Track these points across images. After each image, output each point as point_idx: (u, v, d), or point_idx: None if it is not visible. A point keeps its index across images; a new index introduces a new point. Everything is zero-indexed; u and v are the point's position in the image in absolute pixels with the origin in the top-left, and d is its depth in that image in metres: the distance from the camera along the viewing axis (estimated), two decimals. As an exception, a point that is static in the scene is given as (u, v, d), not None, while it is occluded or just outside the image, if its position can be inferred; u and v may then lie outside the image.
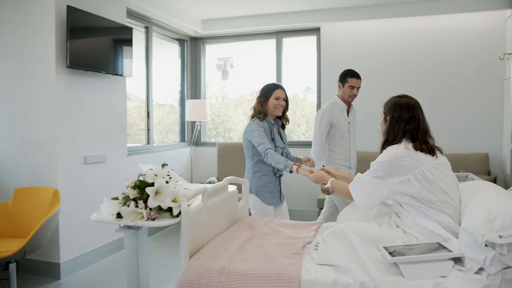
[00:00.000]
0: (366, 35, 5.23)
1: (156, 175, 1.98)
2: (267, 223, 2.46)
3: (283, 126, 3.06)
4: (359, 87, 3.46)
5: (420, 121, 2.02)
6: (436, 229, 1.82)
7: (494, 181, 4.19)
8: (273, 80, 5.67)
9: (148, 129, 4.87)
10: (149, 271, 2.79)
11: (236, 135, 6.06)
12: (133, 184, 1.97)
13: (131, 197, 1.91)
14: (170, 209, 1.93)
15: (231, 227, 2.39)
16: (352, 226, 1.89)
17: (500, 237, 1.52)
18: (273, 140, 2.89)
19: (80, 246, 3.62)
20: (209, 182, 5.27)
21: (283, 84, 5.59)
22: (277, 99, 2.88)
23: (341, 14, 5.12)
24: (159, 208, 1.92)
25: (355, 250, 1.76)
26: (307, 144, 5.38)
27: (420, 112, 2.04)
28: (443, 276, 1.63)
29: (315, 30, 5.47)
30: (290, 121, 3.09)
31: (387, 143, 2.06)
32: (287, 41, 5.68)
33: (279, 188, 2.99)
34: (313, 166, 2.85)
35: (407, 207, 1.91)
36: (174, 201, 1.94)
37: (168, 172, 2.05)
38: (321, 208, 4.71)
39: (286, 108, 2.98)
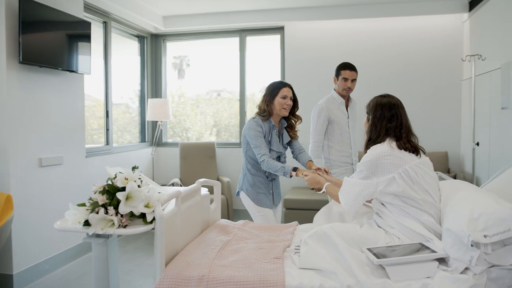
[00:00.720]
0: (330, 35, 5.27)
1: (126, 179, 1.85)
2: (242, 226, 2.38)
3: (291, 126, 2.88)
4: (355, 79, 3.33)
5: (402, 119, 2.02)
6: (418, 229, 1.81)
7: (454, 179, 4.32)
8: (235, 79, 5.60)
9: (107, 129, 4.64)
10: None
11: (193, 135, 5.92)
12: (101, 189, 1.83)
13: (100, 203, 1.77)
14: (142, 215, 1.81)
15: (205, 232, 2.29)
16: (334, 227, 1.85)
17: (485, 236, 1.53)
18: (269, 143, 2.73)
19: (35, 255, 3.37)
20: (172, 184, 5.11)
21: (245, 83, 5.55)
22: (284, 98, 2.70)
23: (305, 13, 5.12)
24: (131, 215, 1.79)
25: (340, 252, 1.72)
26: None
27: (402, 111, 2.05)
28: (428, 277, 1.63)
29: (279, 29, 5.45)
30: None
31: (370, 142, 2.05)
32: (251, 40, 5.62)
33: (271, 190, 2.85)
34: (327, 173, 2.59)
35: (390, 206, 1.90)
36: (147, 206, 1.81)
37: (139, 175, 1.92)
38: (288, 208, 4.70)
39: (296, 107, 2.83)
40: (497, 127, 3.68)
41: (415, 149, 1.95)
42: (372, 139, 2.06)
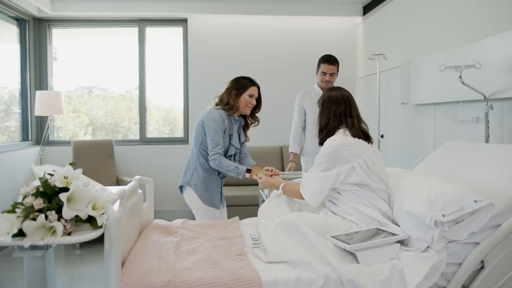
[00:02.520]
0: (235, 30, 5.26)
1: (66, 177, 1.55)
2: (183, 225, 2.20)
3: (246, 126, 2.76)
4: (333, 74, 3.31)
5: (351, 105, 2.08)
6: (375, 215, 1.88)
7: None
8: (131, 73, 5.24)
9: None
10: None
11: (66, 135, 5.36)
12: (34, 191, 1.50)
13: (36, 207, 1.45)
14: (89, 219, 1.54)
15: (144, 234, 2.06)
16: (299, 216, 1.82)
17: (443, 215, 1.65)
18: (230, 137, 2.60)
19: None
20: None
21: (145, 78, 5.24)
22: (250, 96, 2.59)
23: (209, 6, 5.02)
24: (76, 219, 1.51)
25: (310, 242, 1.69)
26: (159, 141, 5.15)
27: (351, 99, 2.11)
28: (392, 258, 1.69)
29: (182, 21, 5.25)
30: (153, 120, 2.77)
31: (322, 131, 2.07)
32: (151, 31, 5.30)
33: (220, 189, 2.72)
34: (276, 176, 2.52)
35: (347, 194, 1.94)
36: (94, 208, 1.54)
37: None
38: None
39: (258, 108, 2.70)
40: (398, 120, 4.09)
41: (366, 136, 2.03)
42: (323, 126, 2.10)
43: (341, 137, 1.97)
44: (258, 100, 2.67)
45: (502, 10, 2.70)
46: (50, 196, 1.51)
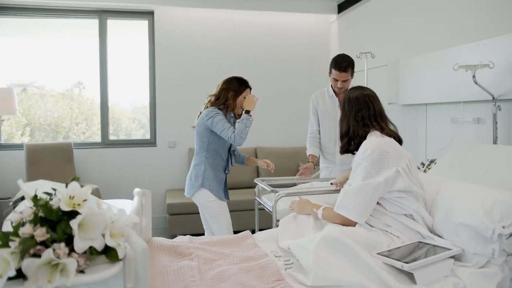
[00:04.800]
0: (204, 25, 4.96)
1: (72, 198, 1.22)
2: (190, 244, 1.90)
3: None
4: (346, 80, 2.93)
5: (374, 107, 1.89)
6: (416, 226, 1.70)
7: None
8: (72, 69, 4.77)
9: None
10: None
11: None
12: (32, 217, 1.16)
13: (39, 239, 1.11)
14: (105, 250, 1.21)
15: (150, 257, 1.74)
16: (343, 231, 1.60)
17: (503, 227, 1.50)
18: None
19: None
20: (22, 198, 4.01)
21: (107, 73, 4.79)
22: (245, 97, 2.72)
23: (177, -1, 4.67)
24: (91, 252, 1.18)
25: (362, 261, 1.47)
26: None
27: (373, 98, 1.91)
28: (446, 276, 1.52)
29: (148, 14, 4.85)
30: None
31: (344, 138, 1.87)
32: (113, 24, 4.84)
33: (225, 185, 2.83)
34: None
35: (387, 203, 1.73)
36: (111, 235, 1.22)
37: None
38: (173, 214, 4.21)
39: None
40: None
41: (398, 137, 1.86)
42: (344, 132, 1.91)
43: (380, 139, 1.77)
44: None
45: (491, 15, 2.65)
46: (54, 223, 1.17)
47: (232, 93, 2.70)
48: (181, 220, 4.21)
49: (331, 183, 2.33)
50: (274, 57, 5.12)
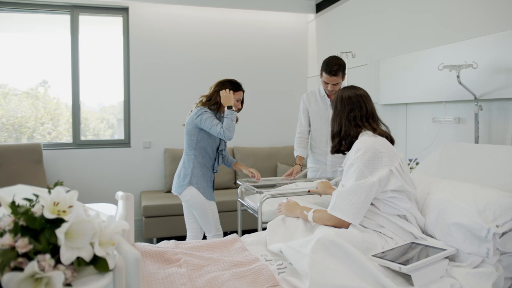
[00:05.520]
0: (182, 22, 4.83)
1: (56, 204, 1.12)
2: (176, 248, 1.82)
3: None
4: (337, 84, 2.88)
5: (366, 107, 1.87)
6: (409, 227, 1.69)
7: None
8: (37, 67, 4.57)
9: None
10: None
11: None
12: (11, 226, 1.05)
13: (21, 251, 1.01)
14: (94, 260, 1.12)
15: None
16: (338, 233, 1.55)
17: (497, 226, 1.50)
18: None
19: None
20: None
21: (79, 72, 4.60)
22: (237, 100, 2.78)
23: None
24: (78, 263, 1.09)
25: (360, 263, 1.43)
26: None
27: (366, 100, 1.89)
28: (441, 276, 1.51)
29: (123, 10, 4.69)
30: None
31: (336, 138, 1.84)
32: (86, 20, 4.65)
33: (213, 184, 2.86)
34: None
35: (381, 203, 1.71)
36: (100, 244, 1.13)
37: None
38: (148, 217, 4.08)
39: (240, 109, 2.87)
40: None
41: (389, 137, 1.84)
42: (335, 132, 1.88)
43: (372, 138, 1.75)
44: (241, 103, 2.86)
45: (474, 15, 2.69)
46: (37, 232, 1.08)
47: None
48: (157, 222, 4.09)
49: (309, 191, 2.28)
50: (252, 56, 5.07)
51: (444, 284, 1.45)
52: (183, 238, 2.92)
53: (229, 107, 2.66)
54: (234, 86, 2.79)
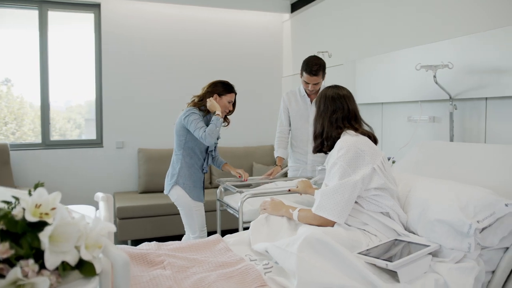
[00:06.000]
0: (156, 20, 4.75)
1: (38, 206, 1.06)
2: (159, 250, 1.78)
3: None
4: (317, 83, 2.90)
5: (349, 108, 1.88)
6: (392, 224, 1.71)
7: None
8: (22, 62, 4.40)
9: None
10: None
11: None
12: (-10, 230, 0.99)
13: (2, 256, 0.95)
14: (79, 265, 1.07)
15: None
16: (325, 231, 1.56)
17: (478, 222, 1.54)
18: None
19: None
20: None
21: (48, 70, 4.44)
22: (229, 102, 2.79)
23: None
24: (63, 267, 1.03)
25: (347, 261, 1.43)
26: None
27: (349, 101, 1.90)
28: (425, 272, 1.54)
29: (94, 6, 4.55)
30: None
31: (318, 138, 1.85)
32: (55, 16, 4.49)
33: (202, 184, 2.85)
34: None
35: (364, 201, 1.72)
36: (86, 247, 1.08)
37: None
38: (123, 218, 3.98)
39: (231, 112, 2.89)
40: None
41: (372, 136, 1.86)
42: (318, 133, 1.89)
43: (354, 137, 1.76)
44: (233, 104, 2.86)
45: (450, 16, 2.77)
46: (18, 236, 1.02)
47: (215, 96, 2.75)
48: (131, 224, 4.00)
49: (289, 190, 2.29)
50: (227, 55, 5.03)
51: (428, 280, 1.48)
52: (160, 239, 2.87)
53: (216, 114, 2.64)
54: (225, 87, 2.79)
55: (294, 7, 4.94)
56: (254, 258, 1.72)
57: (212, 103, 2.67)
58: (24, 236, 1.02)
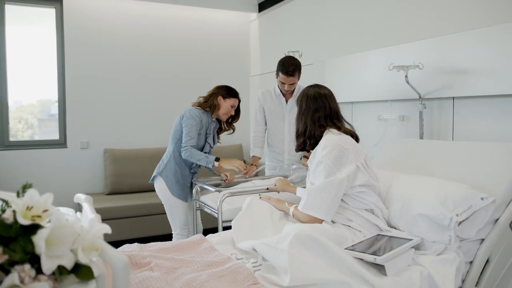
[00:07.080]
0: (121, 16, 4.61)
1: (29, 209, 1.01)
2: (142, 251, 1.74)
3: (220, 129, 2.96)
4: (293, 84, 2.93)
5: (330, 107, 1.92)
6: (375, 220, 1.76)
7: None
8: None
9: None
10: None
11: None
12: (-20, 235, 0.93)
13: (-4, 262, 0.89)
14: (75, 268, 1.03)
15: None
16: (314, 228, 1.58)
17: (457, 215, 1.61)
18: (207, 135, 2.79)
19: None
20: None
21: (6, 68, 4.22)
22: (232, 106, 2.81)
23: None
24: (60, 272, 0.99)
25: (337, 257, 1.46)
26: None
27: (331, 100, 1.94)
28: (409, 265, 1.59)
29: (55, 1, 4.37)
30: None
31: (301, 137, 1.87)
32: (13, 11, 4.27)
33: (189, 183, 2.84)
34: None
35: (349, 198, 1.76)
36: (83, 250, 1.04)
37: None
38: (106, 219, 3.85)
39: (236, 118, 2.91)
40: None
41: (354, 134, 1.90)
42: (300, 132, 1.92)
43: (338, 136, 1.80)
44: (237, 111, 2.87)
45: (420, 17, 2.88)
46: (10, 241, 0.97)
47: (220, 97, 2.80)
48: (115, 224, 3.87)
49: (267, 188, 2.31)
50: (194, 54, 4.98)
51: (414, 272, 1.53)
52: (131, 241, 2.80)
53: (217, 159, 2.64)
54: (229, 91, 2.82)
55: (261, 7, 4.96)
56: (240, 257, 1.72)
57: (228, 161, 2.67)
58: (17, 241, 0.97)
